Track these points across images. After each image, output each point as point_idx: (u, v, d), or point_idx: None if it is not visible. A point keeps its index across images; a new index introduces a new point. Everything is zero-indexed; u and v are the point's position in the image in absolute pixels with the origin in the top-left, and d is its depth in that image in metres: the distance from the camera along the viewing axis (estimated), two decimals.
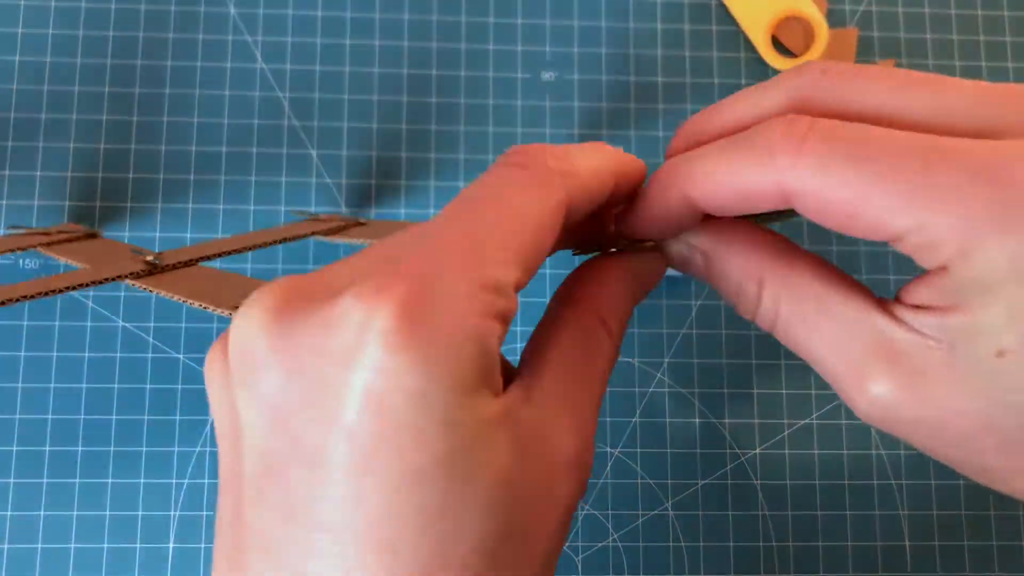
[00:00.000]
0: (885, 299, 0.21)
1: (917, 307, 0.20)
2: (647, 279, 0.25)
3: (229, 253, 0.31)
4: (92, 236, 0.33)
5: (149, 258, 0.29)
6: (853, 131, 0.19)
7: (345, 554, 0.17)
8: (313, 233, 0.31)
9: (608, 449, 0.36)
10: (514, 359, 0.23)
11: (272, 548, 0.18)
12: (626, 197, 0.24)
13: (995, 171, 0.18)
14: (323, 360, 0.17)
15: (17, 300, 0.26)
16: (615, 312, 0.24)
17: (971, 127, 0.19)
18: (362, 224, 0.33)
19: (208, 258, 0.31)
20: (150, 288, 0.28)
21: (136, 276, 0.28)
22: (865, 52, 0.40)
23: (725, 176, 0.21)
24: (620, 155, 0.24)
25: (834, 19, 0.40)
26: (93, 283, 0.27)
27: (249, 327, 0.18)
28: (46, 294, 0.27)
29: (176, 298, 0.28)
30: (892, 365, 0.19)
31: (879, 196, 0.18)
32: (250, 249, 0.31)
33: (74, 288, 0.27)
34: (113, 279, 0.28)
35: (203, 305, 0.27)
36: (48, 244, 0.31)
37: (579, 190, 0.21)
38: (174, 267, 0.29)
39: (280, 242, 0.31)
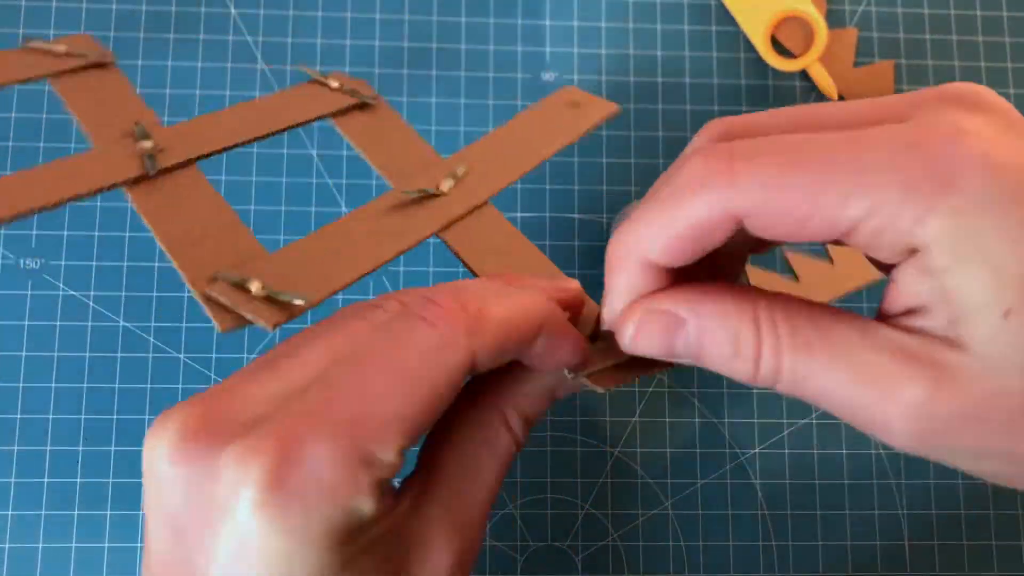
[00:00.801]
0: (871, 319, 0.21)
1: (906, 312, 0.20)
2: (563, 382, 0.25)
3: (233, 146, 0.29)
4: (101, 66, 0.32)
5: (147, 145, 0.28)
6: (771, 142, 0.19)
7: None
8: (319, 117, 0.31)
9: (608, 449, 0.36)
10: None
11: None
12: (561, 332, 0.23)
13: (914, 138, 0.18)
14: (208, 502, 0.19)
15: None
16: (520, 408, 0.24)
17: (877, 119, 0.20)
18: (368, 108, 0.32)
19: (210, 154, 0.29)
20: (139, 211, 0.26)
21: (130, 183, 0.27)
22: (865, 52, 0.40)
23: (669, 224, 0.20)
24: (548, 293, 0.23)
25: (834, 19, 0.40)
26: (73, 198, 0.25)
27: (158, 454, 0.19)
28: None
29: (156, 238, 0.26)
30: (914, 367, 0.19)
31: (824, 191, 0.18)
32: (257, 139, 0.30)
33: (58, 203, 0.25)
34: (99, 189, 0.26)
35: (176, 263, 0.25)
36: (57, 74, 0.30)
37: (487, 347, 0.21)
38: (171, 169, 0.28)
39: (289, 128, 0.31)
